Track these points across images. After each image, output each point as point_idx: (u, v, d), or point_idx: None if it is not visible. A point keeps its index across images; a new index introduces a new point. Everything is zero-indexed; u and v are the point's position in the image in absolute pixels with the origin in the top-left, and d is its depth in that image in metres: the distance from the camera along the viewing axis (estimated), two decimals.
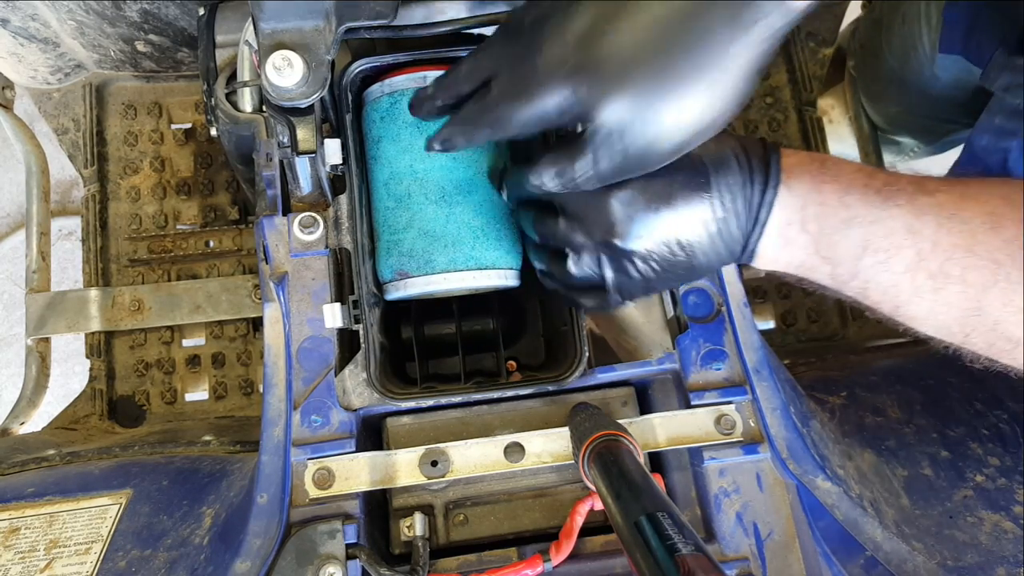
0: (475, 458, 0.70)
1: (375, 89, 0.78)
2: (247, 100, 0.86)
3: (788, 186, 0.62)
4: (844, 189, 0.61)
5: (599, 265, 0.64)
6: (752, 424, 0.72)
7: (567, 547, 0.66)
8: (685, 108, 0.55)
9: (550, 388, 0.74)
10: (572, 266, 0.65)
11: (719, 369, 0.73)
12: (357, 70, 0.77)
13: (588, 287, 0.68)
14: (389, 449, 0.72)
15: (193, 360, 1.28)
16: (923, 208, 0.59)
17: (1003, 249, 0.57)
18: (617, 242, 0.63)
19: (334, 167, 0.77)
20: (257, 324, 1.28)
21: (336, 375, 0.72)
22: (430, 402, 0.74)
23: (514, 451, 0.70)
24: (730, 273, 0.76)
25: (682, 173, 0.62)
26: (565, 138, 0.61)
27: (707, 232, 0.62)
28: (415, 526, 0.70)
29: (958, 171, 0.97)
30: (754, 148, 0.63)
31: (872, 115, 1.41)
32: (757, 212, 0.62)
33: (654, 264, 0.63)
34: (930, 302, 0.60)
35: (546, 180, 0.62)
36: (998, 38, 0.88)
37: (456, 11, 0.75)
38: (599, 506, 0.66)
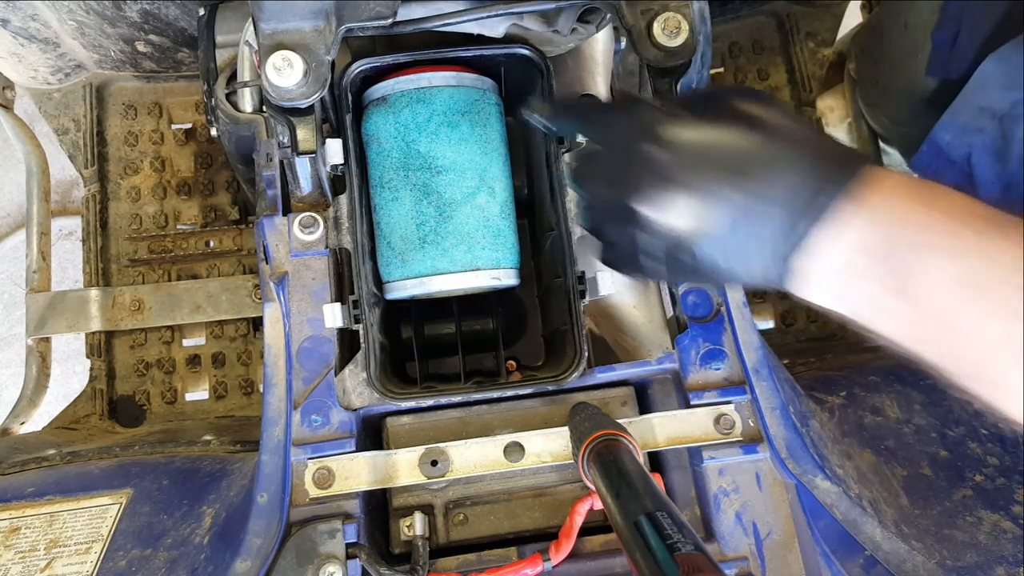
0: (475, 458, 0.70)
1: (375, 89, 0.79)
2: (247, 100, 0.86)
3: (867, 204, 0.50)
4: (943, 213, 0.50)
5: (621, 223, 0.58)
6: (751, 424, 0.72)
7: (567, 546, 0.66)
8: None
9: (550, 388, 0.74)
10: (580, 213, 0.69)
11: (718, 369, 0.74)
12: (357, 70, 0.77)
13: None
14: (389, 449, 0.72)
15: (193, 360, 1.28)
16: None
17: None
18: (631, 201, 0.56)
19: (334, 167, 0.77)
20: (257, 324, 1.28)
21: (336, 375, 0.72)
22: (430, 402, 0.74)
23: (514, 451, 0.70)
24: None
25: (731, 147, 0.54)
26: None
27: (728, 232, 0.54)
28: (415, 525, 0.70)
29: (919, 164, 0.97)
30: (835, 154, 0.53)
31: (870, 121, 1.41)
32: (808, 224, 0.51)
33: (657, 238, 0.56)
34: None
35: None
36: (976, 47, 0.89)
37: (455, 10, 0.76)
38: (599, 506, 0.66)
